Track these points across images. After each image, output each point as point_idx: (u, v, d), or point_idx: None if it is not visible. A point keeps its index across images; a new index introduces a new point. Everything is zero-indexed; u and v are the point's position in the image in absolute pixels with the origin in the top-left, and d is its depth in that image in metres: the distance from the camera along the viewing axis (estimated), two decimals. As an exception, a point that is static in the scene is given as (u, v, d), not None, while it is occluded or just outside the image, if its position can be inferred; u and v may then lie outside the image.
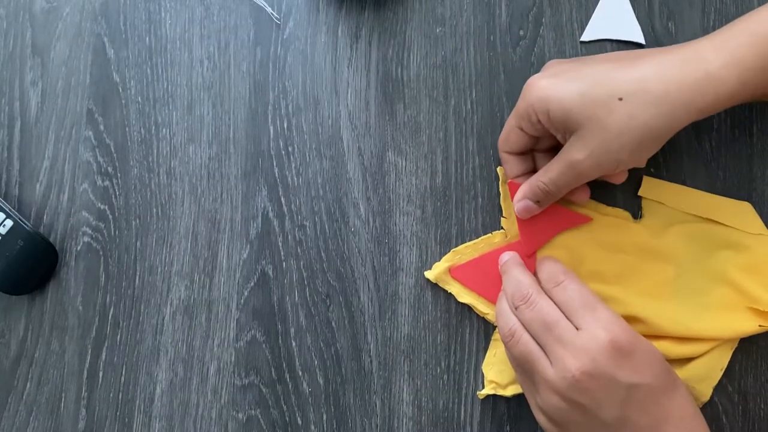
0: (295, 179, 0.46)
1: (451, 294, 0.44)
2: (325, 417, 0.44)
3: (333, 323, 0.45)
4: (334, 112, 0.47)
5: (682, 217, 0.43)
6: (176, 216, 0.47)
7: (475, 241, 0.45)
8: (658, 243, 0.43)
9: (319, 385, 0.44)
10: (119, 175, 0.47)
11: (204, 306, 0.46)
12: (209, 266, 0.46)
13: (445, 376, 0.44)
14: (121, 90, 0.48)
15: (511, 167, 0.42)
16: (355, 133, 0.46)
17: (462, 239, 0.45)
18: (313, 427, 0.44)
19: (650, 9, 0.46)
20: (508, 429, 0.43)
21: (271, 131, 0.47)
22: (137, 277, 0.46)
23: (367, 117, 0.47)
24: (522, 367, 0.38)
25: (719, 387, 0.42)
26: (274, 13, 0.48)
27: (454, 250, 0.45)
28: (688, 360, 0.42)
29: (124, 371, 0.45)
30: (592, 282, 0.43)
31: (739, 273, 0.42)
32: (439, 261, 0.45)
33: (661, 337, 0.41)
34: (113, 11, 0.49)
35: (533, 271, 0.42)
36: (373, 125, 0.46)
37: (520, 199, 0.42)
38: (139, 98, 0.48)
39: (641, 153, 0.38)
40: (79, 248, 0.47)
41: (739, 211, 0.43)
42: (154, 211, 0.47)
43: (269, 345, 0.45)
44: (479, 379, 0.44)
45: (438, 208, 0.45)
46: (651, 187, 0.44)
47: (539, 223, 0.43)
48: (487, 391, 0.43)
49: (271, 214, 0.46)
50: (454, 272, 0.44)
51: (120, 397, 0.45)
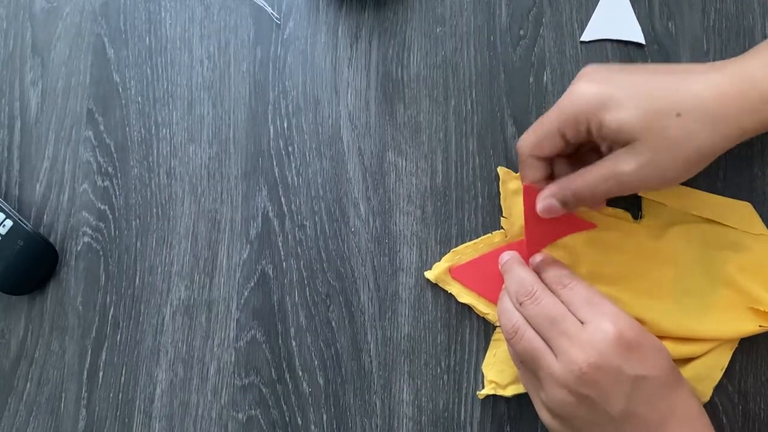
0: (296, 179, 0.46)
1: (451, 294, 0.44)
2: (325, 417, 0.44)
3: (333, 323, 0.45)
4: (334, 112, 0.47)
5: (682, 217, 0.43)
6: (176, 216, 0.47)
7: (475, 241, 0.45)
8: (659, 243, 0.43)
9: (319, 385, 0.44)
10: (119, 175, 0.47)
11: (204, 306, 0.46)
12: (209, 266, 0.46)
13: (445, 376, 0.44)
14: (121, 90, 0.48)
15: (533, 172, 0.40)
16: (355, 133, 0.46)
17: (462, 239, 0.45)
18: (313, 427, 0.44)
19: (650, 9, 0.46)
20: (508, 429, 0.43)
21: (271, 131, 0.47)
22: (137, 278, 0.46)
23: (367, 117, 0.47)
24: (526, 363, 0.38)
25: (719, 387, 0.42)
26: (274, 13, 0.48)
27: (454, 250, 0.45)
28: (688, 360, 0.42)
29: (124, 371, 0.45)
30: (593, 282, 0.42)
31: (739, 273, 0.42)
32: (439, 261, 0.45)
33: (662, 337, 0.41)
34: (113, 11, 0.49)
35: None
36: (373, 125, 0.46)
37: (547, 198, 0.39)
38: (139, 98, 0.48)
39: (688, 171, 0.37)
40: (79, 248, 0.47)
41: (740, 211, 0.43)
42: (154, 211, 0.47)
43: (269, 345, 0.45)
44: (479, 379, 0.44)
45: (438, 208, 0.45)
46: (651, 187, 0.44)
47: (545, 227, 0.43)
48: (487, 391, 0.43)
49: (271, 214, 0.46)
50: (455, 272, 0.44)
51: (120, 397, 0.45)
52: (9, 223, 0.45)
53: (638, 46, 0.45)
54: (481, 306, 0.44)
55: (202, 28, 0.48)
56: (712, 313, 0.42)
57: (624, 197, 0.44)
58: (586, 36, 0.46)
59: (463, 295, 0.44)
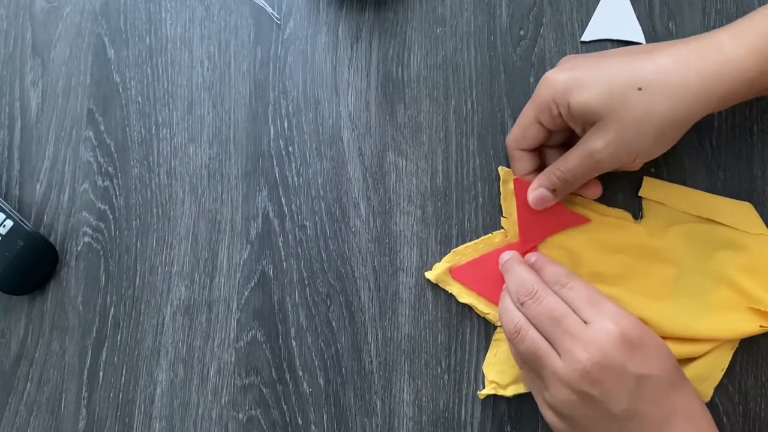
0: (296, 179, 0.46)
1: (451, 294, 0.44)
2: (325, 417, 0.44)
3: (333, 323, 0.45)
4: (334, 112, 0.47)
5: (682, 217, 0.43)
6: (176, 216, 0.47)
7: (475, 241, 0.45)
8: (659, 243, 0.43)
9: (319, 385, 0.44)
10: (119, 175, 0.47)
11: (204, 306, 0.46)
12: (209, 266, 0.46)
13: (446, 376, 0.44)
14: (121, 90, 0.48)
15: (522, 165, 0.42)
16: (356, 133, 0.46)
17: (462, 239, 0.45)
18: (313, 428, 0.44)
19: (651, 9, 0.46)
20: (509, 429, 0.43)
21: (272, 131, 0.47)
22: (137, 278, 0.46)
23: (367, 117, 0.47)
24: (529, 363, 0.38)
25: (720, 387, 0.42)
26: (275, 13, 0.48)
27: (454, 250, 0.45)
28: (689, 360, 0.42)
29: (124, 371, 0.45)
30: (593, 282, 0.43)
31: (739, 273, 0.42)
32: (440, 261, 0.45)
33: (662, 337, 0.41)
34: (113, 11, 0.49)
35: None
36: (374, 125, 0.46)
37: (536, 188, 0.41)
38: (140, 98, 0.48)
39: (660, 144, 0.39)
40: (79, 248, 0.47)
41: (740, 211, 0.43)
42: (155, 211, 0.47)
43: (269, 345, 0.45)
44: (480, 379, 0.44)
45: (438, 208, 0.45)
46: (651, 188, 0.44)
47: (538, 221, 0.43)
48: (488, 391, 0.43)
49: (271, 214, 0.46)
50: (455, 273, 0.44)
51: (120, 397, 0.45)
52: (9, 223, 0.45)
53: (638, 45, 0.45)
54: (482, 306, 0.44)
55: (202, 28, 0.48)
56: (713, 313, 0.42)
57: (624, 198, 0.44)
58: (587, 36, 0.46)
59: (464, 296, 0.44)
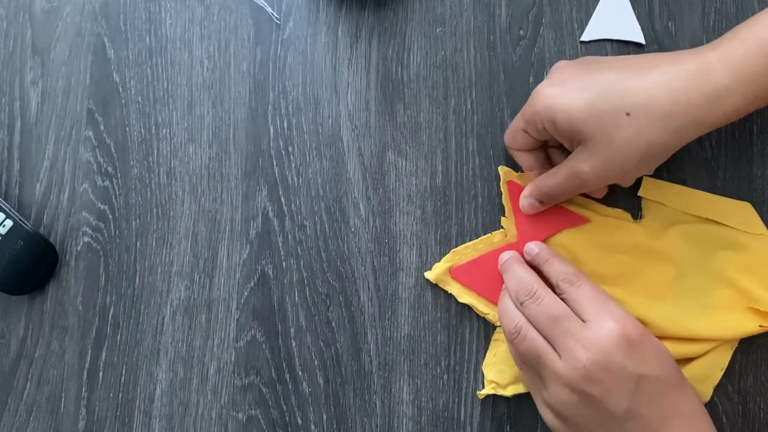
0: (295, 179, 0.46)
1: (451, 294, 0.44)
2: (325, 417, 0.44)
3: (333, 323, 0.45)
4: (334, 112, 0.47)
5: (682, 217, 0.43)
6: (176, 216, 0.47)
7: (474, 241, 0.45)
8: (658, 244, 0.43)
9: (319, 385, 0.44)
10: (119, 175, 0.47)
11: (204, 306, 0.46)
12: (209, 266, 0.46)
13: (445, 376, 0.44)
14: (121, 90, 0.48)
15: (523, 161, 0.43)
16: (355, 133, 0.46)
17: (462, 239, 0.45)
18: (313, 427, 0.44)
19: (650, 9, 0.46)
20: (508, 429, 0.43)
21: (271, 131, 0.47)
22: (137, 277, 0.46)
23: (367, 117, 0.47)
24: (529, 363, 0.38)
25: (719, 387, 0.42)
26: (274, 13, 0.48)
27: (453, 250, 0.45)
28: (688, 360, 0.42)
29: (124, 371, 0.45)
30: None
31: (739, 273, 0.42)
32: (439, 261, 0.45)
33: (662, 337, 0.41)
34: (113, 11, 0.49)
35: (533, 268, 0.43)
36: (373, 125, 0.46)
37: (525, 197, 0.43)
38: (139, 98, 0.48)
39: (647, 165, 0.39)
40: (79, 248, 0.47)
41: (740, 211, 0.43)
42: (154, 211, 0.47)
43: (269, 345, 0.45)
44: (479, 379, 0.44)
45: (438, 208, 0.45)
46: (651, 188, 0.44)
47: (537, 222, 0.43)
48: (487, 391, 0.43)
49: (271, 214, 0.46)
50: (454, 273, 0.44)
51: (120, 397, 0.45)
52: (9, 223, 0.45)
53: (638, 45, 0.45)
54: (482, 306, 0.44)
55: (202, 28, 0.48)
56: (712, 313, 0.42)
57: (623, 198, 0.44)
58: (586, 36, 0.46)
59: (463, 296, 0.44)
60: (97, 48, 0.48)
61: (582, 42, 0.46)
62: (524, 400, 0.43)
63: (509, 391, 0.43)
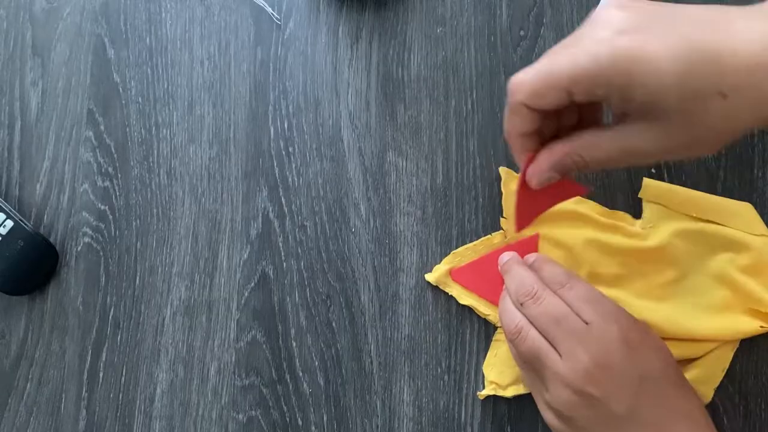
0: (296, 180, 0.46)
1: (451, 295, 0.44)
2: (325, 418, 0.44)
3: (333, 324, 0.45)
4: (334, 112, 0.47)
5: (682, 218, 0.43)
6: (177, 216, 0.47)
7: (474, 242, 0.45)
8: (659, 245, 0.43)
9: (319, 385, 0.44)
10: (119, 175, 0.47)
11: (204, 306, 0.46)
12: (209, 267, 0.46)
13: (446, 377, 0.44)
14: (121, 90, 0.48)
15: (520, 123, 0.33)
16: (356, 133, 0.46)
17: (462, 240, 0.45)
18: (313, 428, 0.44)
19: (651, 9, 0.46)
20: (509, 430, 0.43)
21: (272, 132, 0.47)
22: (137, 278, 0.46)
23: (367, 117, 0.47)
24: (530, 363, 0.38)
25: (720, 388, 0.42)
26: (275, 14, 0.48)
27: (453, 252, 0.45)
28: (689, 361, 0.42)
29: (124, 372, 0.45)
30: (593, 283, 0.43)
31: (739, 274, 0.42)
32: (439, 263, 0.45)
33: (663, 338, 0.41)
34: (114, 11, 0.49)
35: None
36: (374, 126, 0.46)
37: (546, 171, 0.34)
38: (140, 98, 0.48)
39: (714, 149, 0.32)
40: (79, 249, 0.47)
41: (740, 212, 0.43)
42: (155, 211, 0.47)
43: (270, 345, 0.45)
44: (480, 380, 0.44)
45: (438, 208, 0.45)
46: (651, 189, 0.44)
47: (535, 197, 0.38)
48: (488, 391, 0.43)
49: (271, 215, 0.46)
50: (455, 275, 0.44)
51: (120, 397, 0.45)
52: (9, 224, 0.45)
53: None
54: (482, 307, 0.44)
55: (202, 28, 0.48)
56: (713, 313, 0.42)
57: (624, 199, 0.44)
58: None
59: (464, 297, 0.44)
60: (98, 48, 0.48)
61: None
62: (525, 401, 0.43)
63: (510, 392, 0.43)
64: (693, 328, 0.41)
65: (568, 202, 0.44)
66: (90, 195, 0.47)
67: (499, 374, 0.43)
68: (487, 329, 0.44)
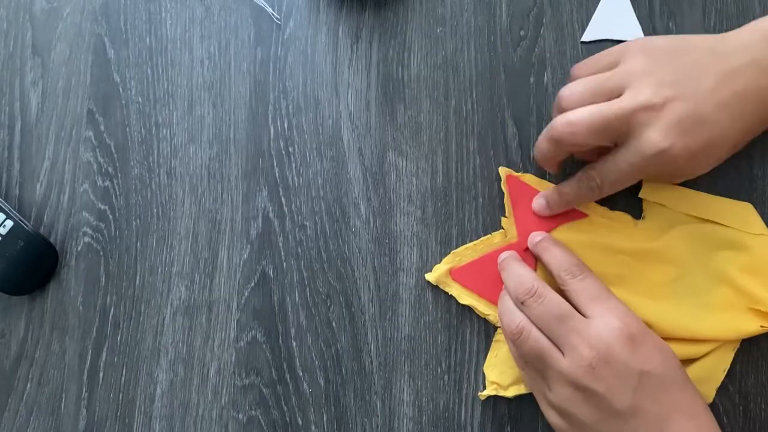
0: (296, 179, 0.46)
1: (451, 294, 0.44)
2: (325, 417, 0.44)
3: (333, 323, 0.45)
4: (334, 112, 0.47)
5: (682, 218, 0.43)
6: (176, 216, 0.47)
7: (474, 242, 0.45)
8: (659, 244, 0.43)
9: (319, 385, 0.44)
10: (120, 175, 0.47)
11: (204, 306, 0.46)
12: (209, 266, 0.46)
13: (446, 377, 0.44)
14: (121, 90, 0.48)
15: (554, 167, 0.43)
16: (356, 133, 0.46)
17: (463, 239, 0.45)
18: (313, 428, 0.44)
19: (651, 9, 0.46)
20: (509, 430, 0.43)
21: (272, 131, 0.47)
22: (137, 278, 0.46)
23: (367, 117, 0.47)
24: (532, 363, 0.38)
25: (720, 388, 0.42)
26: (275, 14, 0.48)
27: (453, 251, 0.45)
28: (690, 361, 0.41)
29: (124, 372, 0.45)
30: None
31: (740, 274, 0.42)
32: (440, 263, 0.45)
33: (663, 338, 0.41)
34: (114, 11, 0.49)
35: (532, 266, 0.43)
36: (374, 125, 0.46)
37: (558, 205, 0.43)
38: (140, 98, 0.48)
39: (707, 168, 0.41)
40: (79, 248, 0.47)
41: (740, 211, 0.43)
42: (155, 211, 0.47)
43: (270, 345, 0.45)
44: (480, 380, 0.44)
45: (438, 208, 0.45)
46: (651, 189, 0.44)
47: (536, 218, 0.43)
48: (489, 392, 0.43)
49: (271, 215, 0.46)
50: (455, 274, 0.44)
51: (120, 397, 0.45)
52: (9, 224, 0.45)
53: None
54: (482, 307, 0.44)
55: (202, 28, 0.48)
56: (713, 313, 0.42)
57: (624, 199, 0.44)
58: (587, 36, 0.46)
59: (464, 297, 0.44)
60: (98, 48, 0.48)
61: (582, 42, 0.46)
62: (525, 401, 0.43)
63: (510, 392, 0.43)
64: (693, 328, 0.41)
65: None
66: (90, 195, 0.47)
67: (500, 375, 0.43)
68: (487, 329, 0.44)
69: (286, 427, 0.44)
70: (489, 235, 0.45)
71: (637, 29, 0.45)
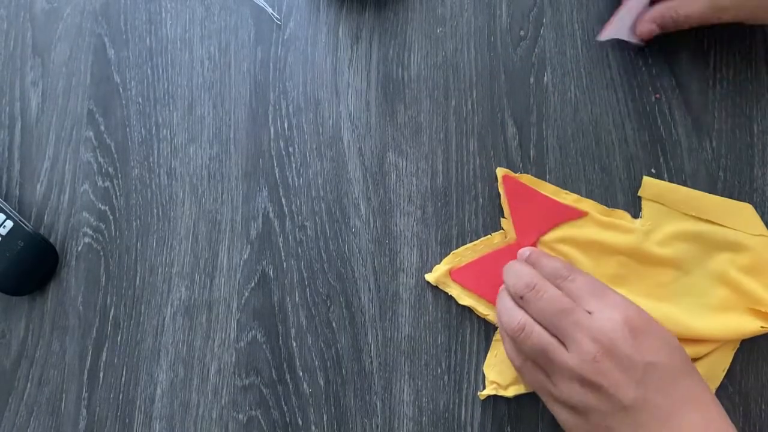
0: (296, 180, 0.46)
1: (451, 295, 0.44)
2: (325, 418, 0.44)
3: (333, 324, 0.45)
4: (334, 112, 0.47)
5: (682, 218, 0.43)
6: (177, 216, 0.47)
7: (474, 242, 0.45)
8: (658, 244, 0.43)
9: (319, 385, 0.44)
10: (120, 175, 0.47)
11: (204, 306, 0.46)
12: (210, 267, 0.46)
13: (446, 377, 0.44)
14: (121, 90, 0.48)
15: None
16: (356, 133, 0.46)
17: (463, 239, 0.45)
18: (313, 428, 0.44)
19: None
20: (509, 429, 0.43)
21: (272, 132, 0.47)
22: (138, 278, 0.46)
23: (367, 117, 0.47)
24: (536, 360, 0.37)
25: (720, 388, 0.42)
26: (275, 14, 0.48)
27: (453, 252, 0.45)
28: (689, 361, 0.42)
29: (124, 372, 0.45)
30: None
31: (739, 274, 0.42)
32: (439, 263, 0.45)
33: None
34: (114, 12, 0.49)
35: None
36: (374, 126, 0.46)
37: (648, 21, 0.42)
38: (140, 99, 0.48)
39: None
40: (79, 249, 0.47)
41: (740, 212, 0.43)
42: (155, 211, 0.47)
43: (270, 345, 0.45)
44: (480, 380, 0.44)
45: (438, 208, 0.45)
46: (651, 188, 0.44)
47: (534, 218, 0.43)
48: (488, 391, 0.43)
49: (271, 215, 0.46)
50: (455, 275, 0.44)
51: (120, 397, 0.45)
52: (9, 224, 0.45)
53: (638, 47, 0.45)
54: (482, 308, 0.44)
55: (202, 28, 0.48)
56: (713, 313, 0.42)
57: (623, 198, 0.44)
58: (604, 36, 0.44)
59: (464, 297, 0.44)
60: (98, 48, 0.48)
61: (598, 41, 0.46)
62: (525, 401, 0.43)
63: (510, 392, 0.43)
64: (693, 328, 0.41)
65: (568, 200, 0.44)
66: (90, 195, 0.47)
67: (499, 374, 0.43)
68: (487, 329, 0.44)
69: (286, 427, 0.44)
70: (489, 236, 0.45)
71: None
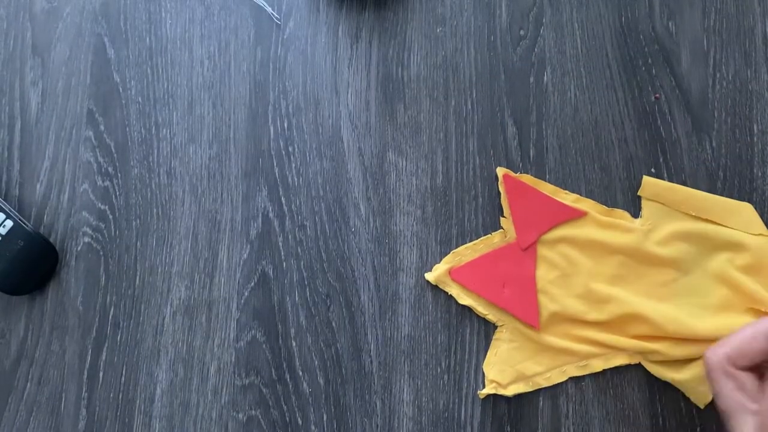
0: (296, 179, 0.46)
1: (451, 295, 0.44)
2: (325, 417, 0.44)
3: (333, 323, 0.45)
4: (334, 112, 0.47)
5: (682, 217, 0.43)
6: (176, 216, 0.47)
7: (474, 242, 0.45)
8: (658, 244, 0.43)
9: (319, 385, 0.44)
10: (119, 175, 0.47)
11: (204, 306, 0.46)
12: (209, 266, 0.46)
13: (446, 377, 0.44)
14: (121, 90, 0.48)
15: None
16: (356, 133, 0.46)
17: (462, 239, 0.45)
18: (313, 428, 0.44)
19: (650, 9, 0.46)
20: (509, 429, 0.43)
21: (272, 131, 0.47)
22: (137, 278, 0.46)
23: (367, 117, 0.47)
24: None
25: (720, 387, 0.42)
26: (275, 14, 0.48)
27: (453, 251, 0.45)
28: (689, 361, 0.42)
29: (124, 371, 0.45)
30: (593, 282, 0.43)
31: (739, 274, 0.42)
32: (439, 263, 0.45)
33: (662, 337, 0.41)
34: (114, 11, 0.49)
35: (532, 266, 0.43)
36: (374, 125, 0.46)
37: (722, 366, 0.36)
38: (140, 98, 0.48)
39: None
40: (79, 248, 0.47)
41: (740, 211, 0.43)
42: (155, 211, 0.47)
43: (269, 345, 0.45)
44: (480, 380, 0.44)
45: (438, 208, 0.45)
46: (651, 188, 0.44)
47: (534, 217, 0.43)
48: (488, 390, 0.43)
49: (271, 214, 0.46)
50: (454, 274, 0.44)
51: (120, 397, 0.45)
52: (9, 224, 0.45)
53: (638, 47, 0.45)
54: (481, 308, 0.44)
55: (202, 28, 0.48)
56: (712, 313, 0.42)
57: (623, 198, 0.44)
58: None
59: (464, 297, 0.44)
60: (98, 48, 0.48)
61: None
62: (525, 401, 0.43)
63: (510, 391, 0.43)
64: (693, 328, 0.41)
65: (568, 200, 0.44)
66: (90, 195, 0.47)
67: (499, 373, 0.43)
68: (486, 329, 0.44)
69: (285, 427, 0.44)
70: (489, 235, 0.45)
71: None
